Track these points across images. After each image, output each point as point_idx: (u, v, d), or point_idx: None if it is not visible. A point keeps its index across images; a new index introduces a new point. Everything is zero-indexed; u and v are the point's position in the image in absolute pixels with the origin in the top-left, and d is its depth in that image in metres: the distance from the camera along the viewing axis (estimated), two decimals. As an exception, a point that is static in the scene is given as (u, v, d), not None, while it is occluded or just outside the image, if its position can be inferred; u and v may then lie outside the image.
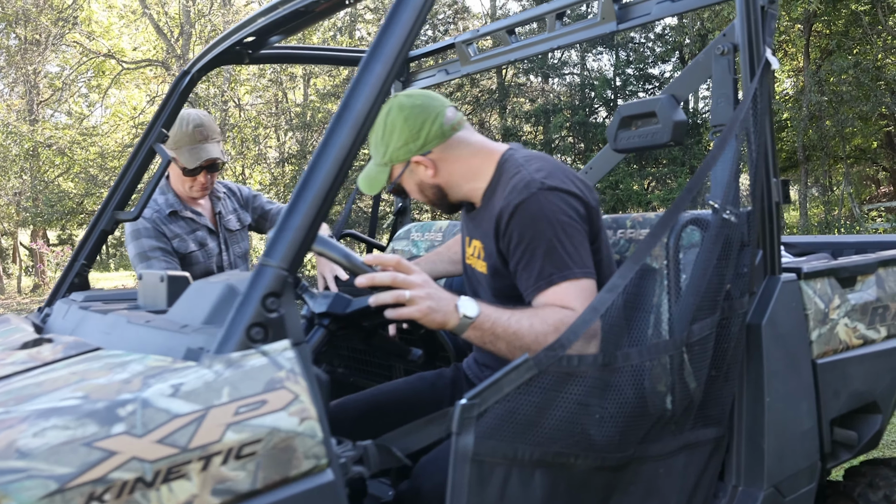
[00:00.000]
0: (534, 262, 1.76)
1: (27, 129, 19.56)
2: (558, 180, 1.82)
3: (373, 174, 2.04)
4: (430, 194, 2.04)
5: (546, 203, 1.77)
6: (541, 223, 1.76)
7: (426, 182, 2.01)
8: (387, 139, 1.97)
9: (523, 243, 1.78)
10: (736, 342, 1.83)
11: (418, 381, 2.21)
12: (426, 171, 1.98)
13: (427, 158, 1.96)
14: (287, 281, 1.32)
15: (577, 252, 1.76)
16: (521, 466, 1.45)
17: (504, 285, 1.91)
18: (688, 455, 1.77)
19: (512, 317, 1.67)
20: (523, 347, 1.65)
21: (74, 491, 1.08)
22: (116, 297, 2.16)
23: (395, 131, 1.95)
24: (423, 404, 2.03)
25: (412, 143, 1.95)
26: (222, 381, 1.23)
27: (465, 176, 2.00)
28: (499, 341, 1.66)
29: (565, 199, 1.79)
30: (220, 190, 3.24)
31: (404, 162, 1.97)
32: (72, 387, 1.25)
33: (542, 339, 1.65)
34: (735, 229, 1.81)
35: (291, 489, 1.24)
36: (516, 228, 1.79)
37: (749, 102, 1.87)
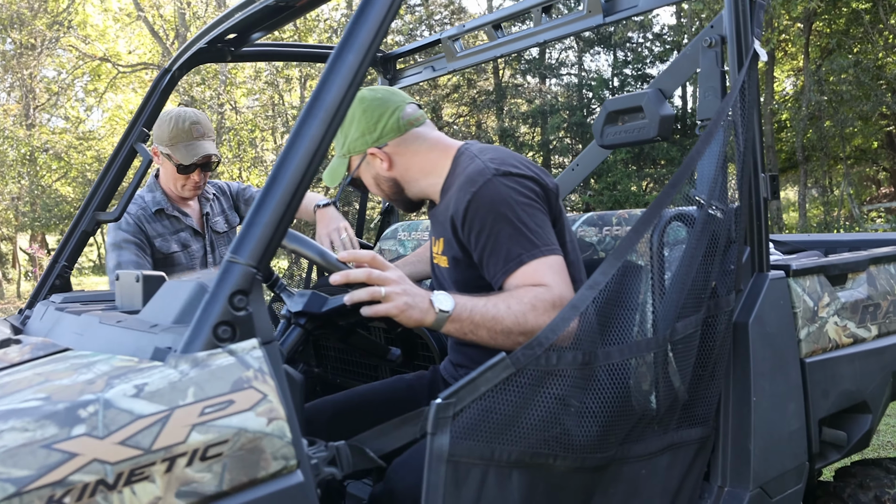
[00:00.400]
0: (499, 246, 1.75)
1: (24, 133, 19.55)
2: (511, 166, 1.81)
3: (334, 166, 2.06)
4: (385, 188, 2.05)
5: (502, 188, 1.77)
6: (500, 207, 1.75)
7: (381, 175, 2.02)
8: (346, 130, 1.99)
9: (485, 230, 1.76)
10: (722, 341, 1.80)
11: (397, 382, 2.18)
12: (381, 163, 1.99)
13: (382, 151, 1.98)
14: (255, 278, 1.28)
15: (540, 231, 1.75)
16: (498, 467, 1.42)
17: (466, 277, 1.90)
18: (672, 455, 1.74)
19: (488, 303, 1.65)
20: (505, 331, 1.63)
21: (33, 494, 1.05)
22: (95, 298, 2.12)
23: (354, 122, 1.98)
24: (401, 405, 1.99)
25: (368, 134, 1.97)
26: (188, 380, 1.19)
27: (422, 171, 2.01)
28: (479, 329, 1.64)
29: (520, 181, 1.79)
30: (210, 191, 3.21)
31: (361, 154, 2.00)
32: (34, 388, 1.22)
33: (521, 318, 1.64)
34: (721, 225, 1.78)
35: (259, 491, 1.21)
36: (476, 217, 1.78)
37: (736, 94, 1.83)
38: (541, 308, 1.66)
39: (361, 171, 2.05)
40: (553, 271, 1.72)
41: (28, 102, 21.22)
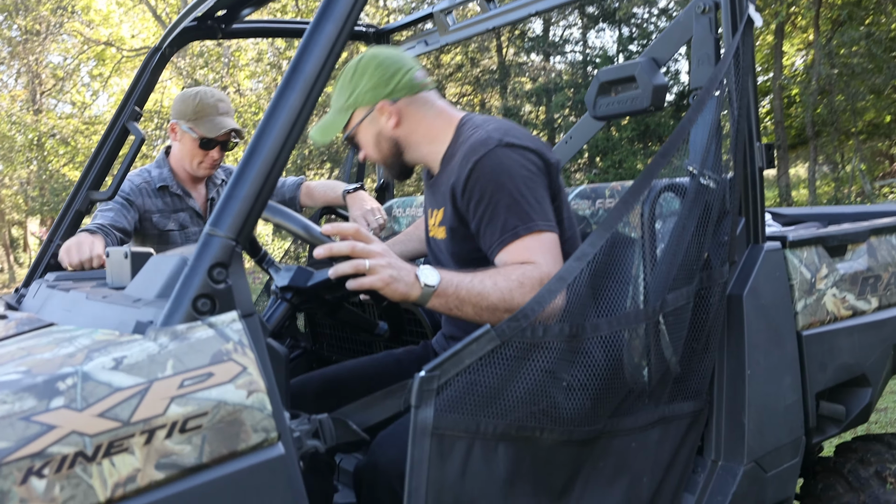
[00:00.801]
0: (496, 216, 1.73)
1: (31, 119, 19.59)
2: (514, 137, 1.79)
3: (329, 121, 1.99)
4: (385, 148, 1.99)
5: (505, 158, 1.75)
6: (501, 177, 1.73)
7: (385, 133, 1.96)
8: (355, 82, 1.93)
9: (485, 199, 1.74)
10: (715, 313, 1.78)
11: (385, 358, 2.16)
12: (388, 120, 1.94)
13: (393, 107, 1.93)
14: (235, 251, 1.27)
15: (539, 205, 1.73)
16: (483, 440, 1.41)
17: (464, 249, 1.88)
18: (663, 429, 1.72)
19: (474, 279, 1.63)
20: (490, 307, 1.62)
21: (12, 465, 1.05)
22: (87, 276, 2.12)
23: (366, 74, 1.92)
24: (389, 381, 1.99)
25: (381, 87, 1.92)
26: (166, 353, 1.19)
27: (426, 137, 1.97)
28: (465, 305, 1.62)
29: (524, 154, 1.77)
30: (221, 176, 3.20)
31: (368, 107, 1.94)
32: (16, 362, 1.22)
33: (507, 295, 1.62)
34: (714, 196, 1.75)
35: (240, 463, 1.20)
36: (477, 185, 1.75)
37: (730, 60, 1.80)
38: (528, 285, 1.64)
39: (362, 128, 1.98)
40: (545, 248, 1.71)
41: (34, 88, 21.24)
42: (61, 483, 1.07)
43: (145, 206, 2.94)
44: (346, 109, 1.96)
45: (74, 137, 19.61)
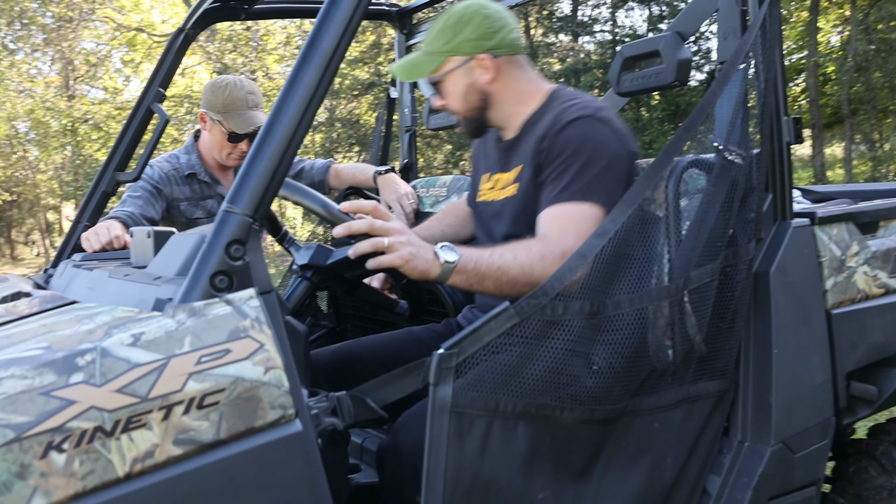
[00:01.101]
0: (565, 174, 1.76)
1: (65, 104, 19.82)
2: (613, 118, 1.84)
3: (418, 61, 1.98)
4: (472, 100, 1.97)
5: (599, 130, 1.79)
6: (588, 143, 1.77)
7: (477, 85, 1.95)
8: (458, 28, 1.91)
9: (564, 154, 1.78)
10: (741, 291, 1.75)
11: (403, 335, 2.16)
12: (484, 73, 1.93)
13: (492, 61, 1.92)
14: (252, 227, 1.27)
15: (607, 183, 1.74)
16: (503, 418, 1.40)
17: (528, 208, 1.88)
18: (687, 409, 1.70)
19: (494, 253, 1.63)
20: (511, 281, 1.61)
21: (32, 440, 1.06)
22: (112, 256, 2.14)
23: (471, 24, 1.91)
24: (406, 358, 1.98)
25: (485, 40, 1.91)
26: (184, 330, 1.19)
27: (516, 97, 1.98)
28: (485, 280, 1.61)
29: (617, 135, 1.81)
30: None
31: (466, 56, 1.93)
32: (38, 338, 1.24)
33: (528, 269, 1.62)
34: (740, 171, 1.72)
35: (257, 440, 1.21)
36: (562, 139, 1.79)
37: (757, 31, 1.75)
38: (549, 259, 1.63)
39: (453, 76, 1.96)
40: (586, 223, 1.70)
41: (68, 74, 21.47)
42: (80, 458, 1.09)
43: (173, 194, 2.94)
44: (440, 53, 1.94)
45: (107, 123, 19.79)
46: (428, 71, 1.97)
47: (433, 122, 3.13)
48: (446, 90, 1.99)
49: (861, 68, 16.54)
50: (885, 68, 16.36)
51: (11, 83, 20.07)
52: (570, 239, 1.68)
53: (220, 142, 2.94)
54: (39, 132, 20.62)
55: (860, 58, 16.07)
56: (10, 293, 1.65)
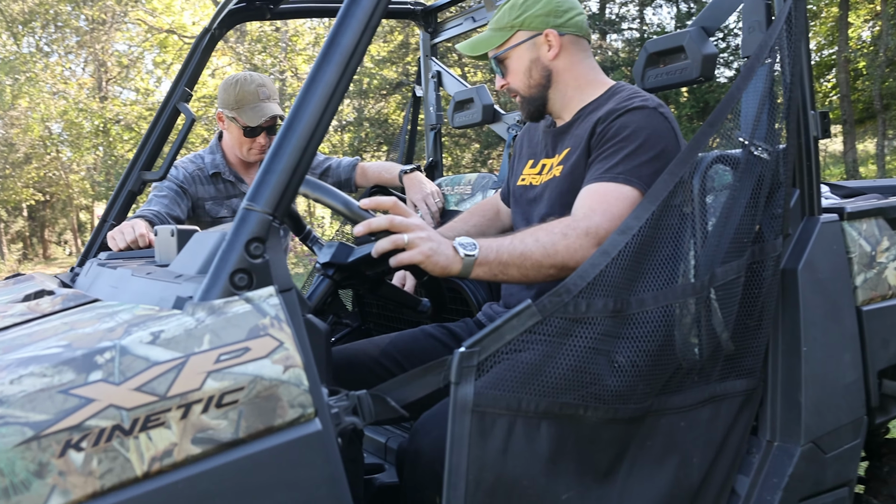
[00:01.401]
0: (615, 155, 1.78)
1: (97, 105, 20.06)
2: (672, 117, 1.86)
3: (485, 37, 2.02)
4: (535, 77, 1.99)
5: (658, 121, 1.82)
6: (644, 131, 1.79)
7: (542, 61, 1.98)
8: (528, 4, 1.96)
9: (618, 136, 1.80)
10: (769, 287, 1.72)
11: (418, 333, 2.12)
12: (549, 50, 1.96)
13: (558, 39, 1.96)
14: (272, 225, 1.27)
15: (652, 172, 1.75)
16: (525, 418, 1.38)
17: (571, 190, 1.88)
18: (714, 408, 1.67)
19: (514, 240, 1.62)
20: (535, 265, 1.61)
21: (51, 438, 1.06)
22: (137, 255, 2.15)
23: (540, 2, 1.95)
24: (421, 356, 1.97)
25: (553, 17, 1.96)
26: (203, 328, 1.19)
27: (577, 81, 2.01)
28: (509, 269, 1.60)
29: (675, 132, 1.85)
30: None
31: (534, 31, 1.97)
32: (58, 336, 1.24)
33: (550, 249, 1.61)
34: (767, 166, 1.69)
35: (276, 439, 1.20)
36: (620, 123, 1.82)
37: (782, 24, 1.72)
38: (572, 236, 1.63)
39: (518, 50, 1.99)
40: (618, 203, 1.72)
41: (100, 76, 21.75)
42: (99, 456, 1.09)
43: (198, 193, 2.97)
44: (508, 28, 1.98)
45: (138, 123, 20.03)
46: (494, 44, 2.00)
47: (458, 121, 3.12)
48: (510, 66, 2.01)
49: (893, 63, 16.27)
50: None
51: (45, 85, 20.35)
52: (597, 217, 1.67)
53: (238, 138, 2.97)
54: (72, 133, 20.90)
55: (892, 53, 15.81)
56: (34, 291, 1.66)
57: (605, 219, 1.67)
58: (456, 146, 17.10)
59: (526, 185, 2.07)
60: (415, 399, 1.39)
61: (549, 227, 1.66)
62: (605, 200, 1.73)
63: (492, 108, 3.00)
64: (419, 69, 3.36)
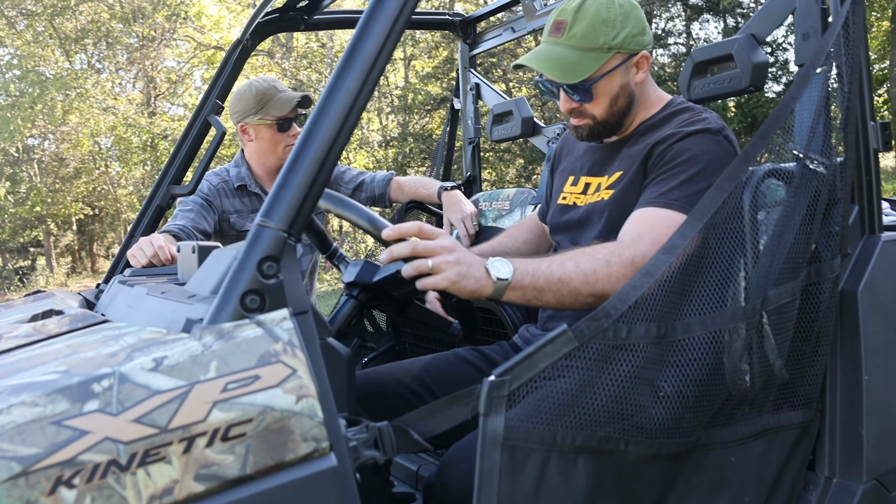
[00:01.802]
0: (672, 180, 1.68)
1: (146, 121, 20.38)
2: (735, 140, 1.75)
3: (573, 59, 1.77)
4: (622, 103, 1.84)
5: (720, 147, 1.72)
6: (706, 156, 1.69)
7: (630, 85, 1.84)
8: (620, 22, 1.77)
9: (677, 160, 1.70)
10: (826, 311, 1.59)
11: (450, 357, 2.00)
12: (639, 73, 1.84)
13: (648, 59, 1.84)
14: (287, 243, 1.18)
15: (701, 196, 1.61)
16: (561, 452, 1.27)
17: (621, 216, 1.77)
18: (767, 442, 1.54)
19: (552, 263, 1.52)
20: (573, 293, 1.51)
21: (40, 474, 0.97)
22: (161, 271, 2.09)
23: (632, 17, 1.80)
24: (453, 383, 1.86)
25: (642, 35, 1.82)
26: (210, 354, 1.10)
27: (645, 100, 1.90)
28: (544, 294, 1.50)
29: (732, 154, 1.73)
30: None
31: (628, 54, 1.81)
32: (57, 361, 1.16)
33: (591, 277, 1.51)
34: (823, 181, 1.57)
35: (287, 475, 1.10)
36: (681, 146, 1.71)
37: (839, 30, 1.61)
38: (616, 264, 1.52)
39: (611, 76, 1.80)
40: (669, 231, 1.53)
41: (149, 92, 22.11)
42: (92, 494, 1.00)
43: (223, 206, 2.91)
44: (605, 49, 1.78)
45: (185, 139, 20.32)
46: (590, 71, 1.78)
47: (496, 134, 3.03)
48: (598, 91, 1.82)
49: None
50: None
51: (95, 101, 20.73)
52: (645, 245, 1.57)
53: (272, 139, 2.88)
54: (121, 148, 21.24)
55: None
56: (41, 311, 1.59)
57: (654, 248, 1.53)
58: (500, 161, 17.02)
59: (568, 204, 1.96)
60: (440, 431, 1.29)
61: (592, 251, 1.55)
62: (655, 228, 1.62)
63: (531, 121, 2.90)
64: (457, 81, 3.28)
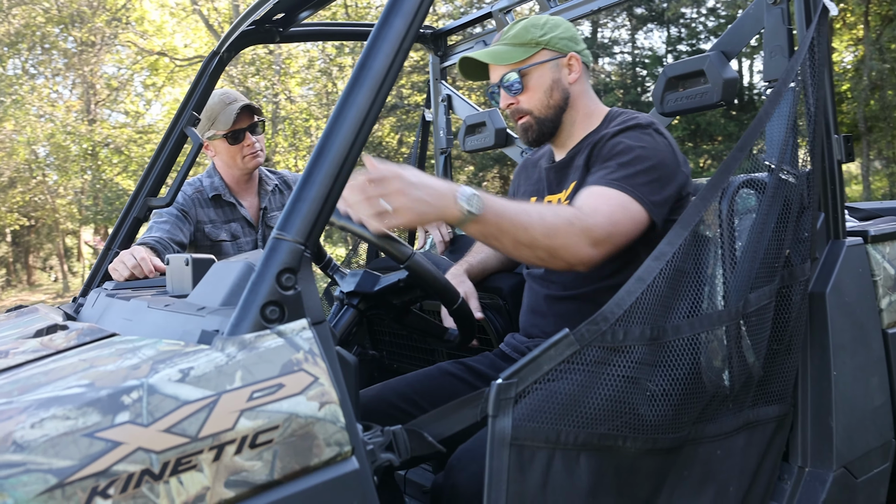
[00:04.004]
0: (611, 166, 1.76)
1: (86, 129, 19.96)
2: (667, 133, 1.86)
3: (503, 50, 1.96)
4: (555, 98, 1.96)
5: (652, 139, 1.81)
6: (638, 146, 1.78)
7: (562, 83, 1.97)
8: (549, 26, 1.96)
9: (613, 151, 1.79)
10: (797, 312, 1.69)
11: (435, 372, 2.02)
12: (570, 73, 1.96)
13: (580, 63, 1.96)
14: (304, 255, 1.22)
15: (649, 186, 1.73)
16: (564, 450, 1.34)
17: None
18: (748, 435, 1.63)
19: (520, 208, 1.55)
20: (530, 242, 1.54)
21: (76, 485, 1.00)
22: (146, 284, 2.10)
23: (562, 26, 1.97)
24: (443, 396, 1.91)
25: (574, 43, 1.97)
26: (235, 364, 1.14)
27: (585, 108, 2.00)
28: (504, 237, 1.53)
29: (671, 146, 1.83)
30: (272, 182, 3.16)
31: (558, 53, 1.95)
32: (78, 374, 1.18)
33: (552, 231, 1.55)
34: (794, 190, 1.67)
35: (313, 479, 1.15)
36: (616, 140, 1.81)
37: (805, 52, 1.72)
38: (577, 226, 1.58)
39: (540, 69, 1.95)
40: (619, 211, 1.68)
41: (89, 98, 21.64)
42: (127, 503, 1.03)
43: (199, 216, 2.94)
44: (532, 44, 1.95)
45: (128, 147, 19.91)
46: (517, 58, 1.94)
47: (469, 144, 3.09)
48: (529, 84, 1.95)
49: (876, 87, 16.49)
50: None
51: (32, 108, 20.23)
52: (600, 217, 1.64)
53: (227, 151, 2.95)
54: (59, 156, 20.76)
55: (875, 76, 16.03)
56: (45, 326, 1.59)
57: (606, 223, 1.64)
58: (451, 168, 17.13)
59: None
60: (451, 434, 1.34)
61: (558, 208, 1.64)
62: (607, 204, 1.69)
63: (504, 132, 2.97)
64: (429, 93, 3.34)
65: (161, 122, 22.74)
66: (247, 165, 2.98)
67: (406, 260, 1.49)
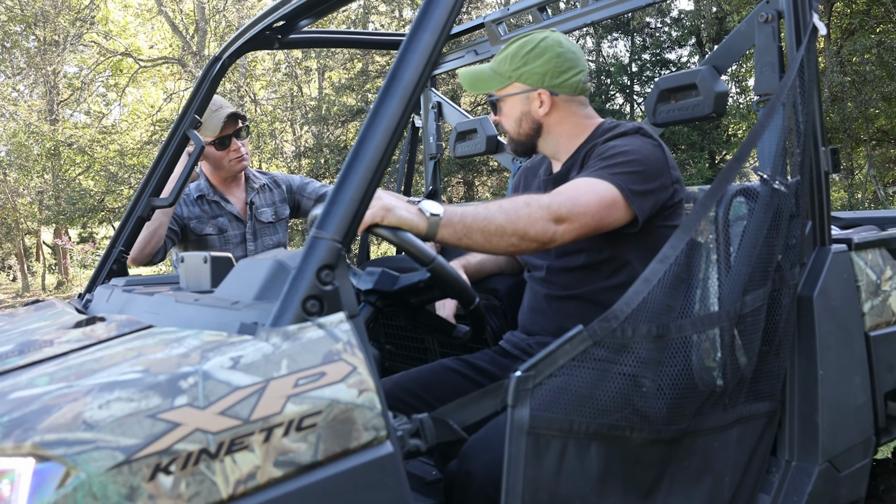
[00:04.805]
0: (601, 162, 1.87)
1: (48, 128, 19.70)
2: (655, 135, 1.95)
3: (485, 76, 2.11)
4: (525, 127, 2.09)
5: (639, 140, 1.91)
6: (625, 146, 1.88)
7: (532, 116, 2.07)
8: (528, 58, 2.03)
9: (606, 152, 1.89)
10: (787, 314, 1.80)
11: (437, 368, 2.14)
12: (540, 107, 2.05)
13: (550, 98, 2.03)
14: (341, 253, 1.30)
15: (631, 176, 1.83)
16: (577, 439, 1.43)
17: None
18: (741, 429, 1.74)
19: (478, 206, 1.67)
20: (498, 230, 1.65)
21: (141, 462, 1.07)
22: (157, 280, 2.15)
23: (542, 57, 2.02)
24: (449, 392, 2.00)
25: (550, 78, 2.03)
26: (280, 353, 1.21)
27: (569, 131, 2.08)
28: (473, 233, 1.63)
29: (660, 147, 1.93)
30: (260, 181, 3.27)
31: (528, 87, 2.04)
32: (130, 362, 1.25)
33: (513, 215, 1.66)
34: (785, 199, 1.78)
35: (352, 461, 1.22)
36: (605, 144, 1.91)
37: (796, 71, 1.83)
38: (534, 206, 1.69)
39: (511, 100, 2.08)
40: (589, 193, 1.78)
41: (52, 98, 21.35)
42: (187, 480, 1.10)
43: (184, 213, 3.08)
44: (506, 77, 2.06)
45: (91, 147, 19.69)
46: (491, 88, 2.09)
47: (460, 150, 3.18)
48: (503, 110, 2.11)
49: (836, 99, 16.82)
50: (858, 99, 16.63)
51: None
52: (561, 197, 1.75)
53: (213, 156, 3.07)
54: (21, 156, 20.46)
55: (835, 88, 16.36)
56: (85, 318, 1.65)
57: (567, 199, 1.75)
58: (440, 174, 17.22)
59: None
60: (473, 422, 1.43)
61: (515, 198, 1.73)
62: (574, 187, 1.81)
63: (495, 139, 3.07)
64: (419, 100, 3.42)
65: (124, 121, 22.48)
66: (233, 169, 3.11)
67: (430, 262, 1.57)
